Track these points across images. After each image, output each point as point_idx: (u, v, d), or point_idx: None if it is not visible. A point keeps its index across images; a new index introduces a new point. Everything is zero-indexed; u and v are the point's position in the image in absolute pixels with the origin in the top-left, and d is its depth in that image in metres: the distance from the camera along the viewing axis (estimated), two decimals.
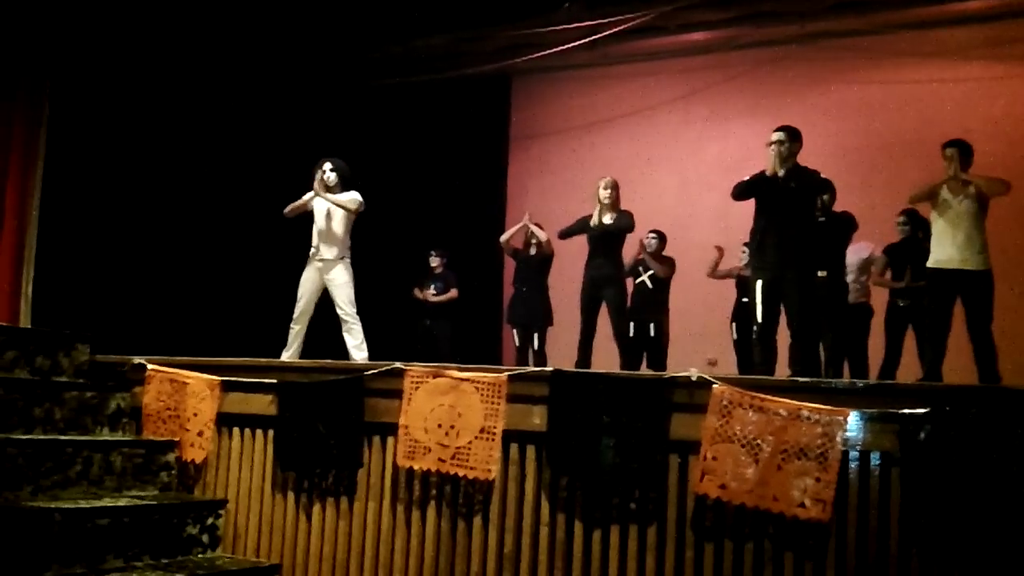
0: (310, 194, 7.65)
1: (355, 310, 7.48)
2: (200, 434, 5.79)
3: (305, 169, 7.76)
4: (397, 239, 10.94)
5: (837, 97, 10.47)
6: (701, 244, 9.76)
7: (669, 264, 9.12)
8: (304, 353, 7.47)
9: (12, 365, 5.66)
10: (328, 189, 7.58)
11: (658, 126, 11.24)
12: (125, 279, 8.46)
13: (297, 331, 7.54)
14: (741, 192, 6.72)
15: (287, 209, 7.65)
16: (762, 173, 6.59)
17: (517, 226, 9.23)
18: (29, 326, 7.30)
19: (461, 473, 5.10)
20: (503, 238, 9.32)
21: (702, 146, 11.00)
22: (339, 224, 7.56)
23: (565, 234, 8.44)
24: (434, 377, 5.30)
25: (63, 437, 5.32)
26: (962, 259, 6.64)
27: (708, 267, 9.18)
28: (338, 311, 7.48)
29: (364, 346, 7.44)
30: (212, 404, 5.81)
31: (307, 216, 7.70)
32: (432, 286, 10.09)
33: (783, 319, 6.54)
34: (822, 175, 6.77)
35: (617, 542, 4.81)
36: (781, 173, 6.47)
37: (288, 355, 7.43)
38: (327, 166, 7.62)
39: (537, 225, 9.16)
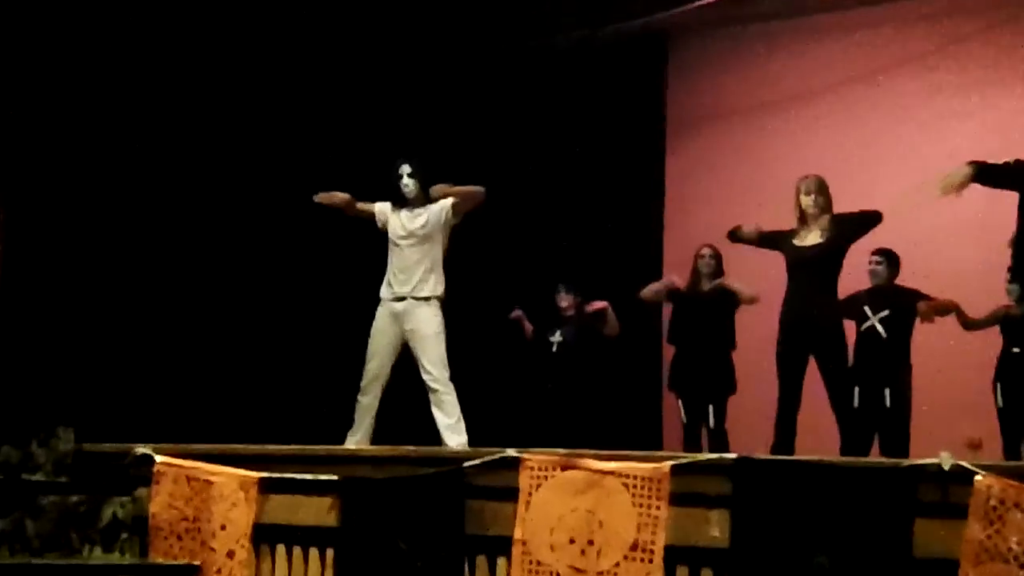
0: (380, 207, 7.87)
1: (448, 373, 7.53)
2: (231, 555, 5.90)
3: (379, 173, 7.95)
4: (510, 271, 10.97)
5: None
6: (953, 269, 9.57)
7: (908, 301, 8.88)
8: (377, 436, 7.58)
9: None
10: (407, 203, 7.73)
11: (882, 100, 10.91)
12: (123, 342, 8.61)
13: (366, 405, 7.64)
14: (996, 173, 6.63)
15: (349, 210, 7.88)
16: None
17: (658, 284, 9.58)
18: None
19: None
20: (645, 293, 9.62)
21: (949, 127, 10.55)
22: (426, 249, 7.64)
23: (759, 238, 8.36)
24: (564, 469, 5.37)
25: (38, 561, 5.37)
26: None
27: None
28: (423, 375, 7.53)
29: (461, 426, 7.48)
30: (247, 512, 5.90)
31: (381, 239, 7.80)
32: (557, 331, 10.04)
33: None
34: None
35: None
36: None
37: (355, 440, 7.54)
38: (404, 170, 7.75)
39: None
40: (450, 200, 7.67)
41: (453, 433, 7.41)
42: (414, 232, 7.66)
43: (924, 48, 10.86)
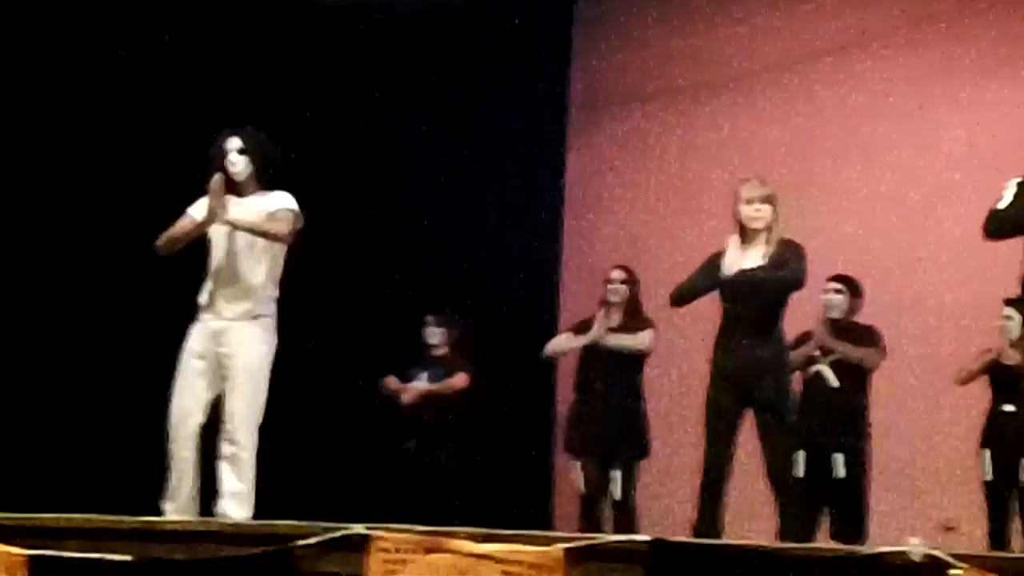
0: (199, 209, 7.56)
1: (257, 421, 7.48)
2: None
3: (195, 159, 7.76)
4: (359, 292, 11.08)
5: None
6: (933, 297, 9.89)
7: (871, 341, 9.13)
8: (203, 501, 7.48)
9: None
10: (235, 187, 7.54)
11: (846, 85, 11.26)
12: None
13: (184, 459, 7.44)
14: (1004, 230, 6.75)
15: (161, 241, 7.60)
16: None
17: (573, 339, 9.62)
18: None
19: None
20: (550, 349, 9.82)
21: (935, 122, 10.98)
22: (253, 255, 7.54)
23: (682, 297, 8.38)
24: (427, 552, 5.39)
25: None
26: None
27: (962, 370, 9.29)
28: (224, 418, 7.43)
29: (250, 495, 7.39)
30: None
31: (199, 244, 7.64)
32: (424, 375, 10.29)
33: None
34: None
35: None
36: None
37: (174, 506, 7.37)
38: (232, 145, 7.56)
39: (624, 321, 9.41)
40: (288, 208, 7.54)
41: (235, 503, 7.31)
42: (240, 233, 7.50)
43: (899, 25, 11.13)
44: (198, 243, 7.59)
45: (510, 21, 11.74)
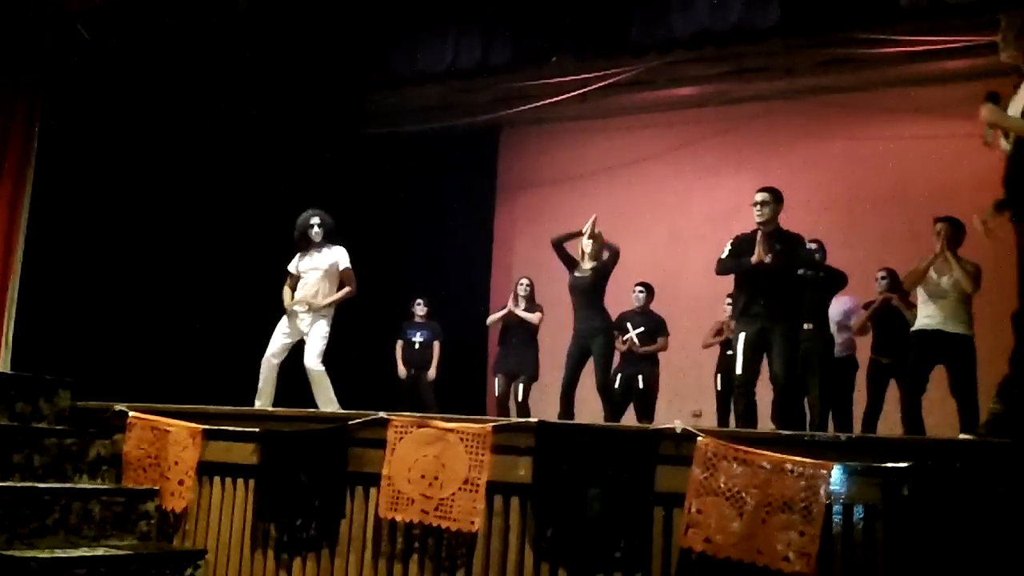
0: (294, 265, 7.67)
1: (321, 363, 7.43)
2: (181, 483, 5.79)
3: (291, 218, 7.81)
4: (382, 288, 10.76)
5: (824, 152, 10.61)
6: (690, 296, 9.90)
7: (658, 321, 9.23)
8: (282, 403, 7.38)
9: None
10: (312, 245, 7.62)
11: (647, 179, 11.34)
12: (109, 325, 8.31)
13: (266, 375, 7.47)
14: (726, 271, 6.89)
15: (287, 302, 7.60)
16: (747, 260, 6.66)
17: (500, 312, 9.49)
18: (9, 371, 7.12)
19: (444, 525, 5.11)
20: (489, 321, 9.68)
21: (691, 199, 11.12)
22: (327, 278, 7.61)
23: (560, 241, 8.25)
24: (419, 427, 5.33)
25: (41, 485, 5.22)
26: (945, 326, 6.93)
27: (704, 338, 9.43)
28: (307, 362, 7.41)
29: (335, 400, 7.37)
30: (194, 452, 5.81)
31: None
32: (416, 332, 10.23)
33: (764, 372, 6.69)
34: (806, 234, 7.04)
35: None
36: (767, 260, 6.55)
37: (261, 402, 7.38)
38: (314, 221, 7.62)
39: (527, 306, 9.35)
40: (345, 263, 7.57)
41: (329, 405, 7.32)
42: (318, 267, 7.59)
43: (674, 144, 11.19)
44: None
45: (467, 142, 11.59)
